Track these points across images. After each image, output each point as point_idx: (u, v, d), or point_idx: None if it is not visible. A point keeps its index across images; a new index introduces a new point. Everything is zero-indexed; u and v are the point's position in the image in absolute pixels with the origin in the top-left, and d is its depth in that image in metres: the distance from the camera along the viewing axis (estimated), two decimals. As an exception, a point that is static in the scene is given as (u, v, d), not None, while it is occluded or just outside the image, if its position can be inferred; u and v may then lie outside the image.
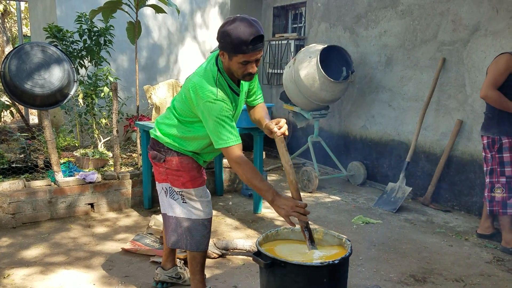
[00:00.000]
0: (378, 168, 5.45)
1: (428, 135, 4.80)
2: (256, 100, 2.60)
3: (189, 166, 2.50)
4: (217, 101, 2.22)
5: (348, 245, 2.14)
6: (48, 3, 6.57)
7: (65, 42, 5.02)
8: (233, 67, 2.23)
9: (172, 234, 2.57)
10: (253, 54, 2.15)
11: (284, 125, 2.29)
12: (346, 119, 5.90)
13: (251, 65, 2.20)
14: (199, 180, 2.54)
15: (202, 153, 2.55)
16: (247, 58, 2.15)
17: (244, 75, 2.25)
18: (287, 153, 2.24)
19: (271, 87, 7.42)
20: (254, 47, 2.12)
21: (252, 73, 2.23)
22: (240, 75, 2.26)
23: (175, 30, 6.94)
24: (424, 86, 4.80)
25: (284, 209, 2.15)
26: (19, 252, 3.42)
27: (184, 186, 2.50)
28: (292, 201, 2.16)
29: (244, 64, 2.18)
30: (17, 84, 3.85)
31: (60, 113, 6.16)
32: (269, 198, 2.20)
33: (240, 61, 2.17)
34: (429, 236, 3.89)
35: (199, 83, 2.26)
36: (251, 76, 2.26)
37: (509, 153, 3.51)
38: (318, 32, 6.30)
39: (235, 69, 2.23)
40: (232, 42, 2.11)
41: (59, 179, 4.18)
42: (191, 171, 2.50)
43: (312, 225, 4.00)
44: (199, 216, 2.53)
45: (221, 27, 2.17)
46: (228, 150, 2.26)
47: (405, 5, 4.94)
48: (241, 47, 2.11)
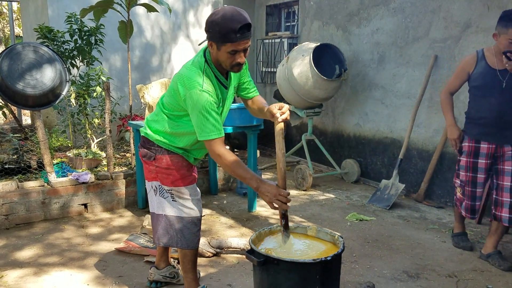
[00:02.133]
0: (372, 166, 5.47)
1: (420, 132, 4.83)
2: (250, 92, 2.60)
3: (179, 164, 2.50)
4: (203, 92, 2.21)
5: (340, 242, 2.15)
6: (40, 3, 6.53)
7: (56, 42, 4.99)
8: (221, 57, 2.23)
9: (162, 233, 2.57)
10: (241, 43, 2.16)
11: (286, 111, 2.29)
12: (340, 117, 5.92)
13: (239, 54, 2.20)
14: (189, 178, 2.55)
15: (192, 150, 2.55)
16: (235, 47, 2.16)
17: (233, 66, 2.25)
18: (283, 141, 2.25)
19: (264, 86, 7.42)
20: (242, 35, 2.13)
21: (241, 63, 2.23)
22: (228, 65, 2.25)
23: (167, 29, 6.93)
24: (416, 83, 4.82)
25: (268, 196, 2.18)
26: (12, 253, 3.40)
27: (174, 184, 2.50)
28: (276, 189, 2.18)
29: (232, 53, 2.19)
30: (8, 84, 3.82)
31: (53, 114, 6.13)
32: (253, 185, 2.23)
33: (228, 50, 2.17)
34: (422, 232, 3.91)
35: (186, 74, 2.27)
36: (239, 67, 2.26)
37: (466, 157, 3.37)
38: (311, 31, 6.31)
39: (224, 60, 2.23)
40: (220, 31, 2.12)
41: (52, 179, 4.16)
42: (181, 169, 2.50)
43: (306, 222, 4.03)
44: (189, 214, 2.54)
45: (209, 17, 2.18)
46: (211, 142, 2.26)
47: (397, 3, 4.96)
48: (229, 35, 2.11)
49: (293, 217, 4.23)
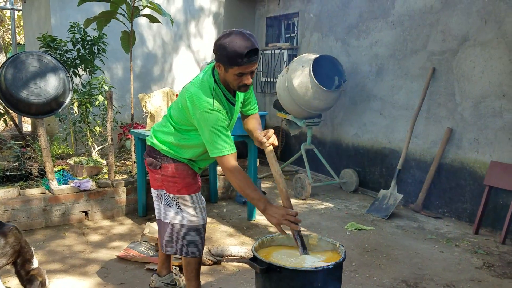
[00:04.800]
0: (370, 175, 5.52)
1: (418, 143, 4.89)
2: (250, 110, 2.66)
3: (185, 173, 2.54)
4: (213, 111, 2.27)
5: (341, 251, 2.19)
6: (43, 13, 6.60)
7: (59, 51, 5.05)
8: (228, 78, 2.29)
9: (167, 240, 2.60)
10: (248, 67, 2.22)
11: (272, 136, 2.40)
12: (339, 127, 5.98)
13: (246, 76, 2.27)
14: (194, 186, 2.58)
15: (198, 160, 2.59)
16: (242, 70, 2.22)
17: (240, 87, 2.32)
18: (277, 163, 2.32)
19: (264, 96, 7.49)
20: (249, 59, 2.19)
21: (247, 85, 2.30)
22: (235, 86, 2.32)
23: (169, 39, 7.00)
24: (414, 95, 4.90)
25: (276, 218, 2.21)
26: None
27: (179, 192, 2.54)
28: (283, 209, 2.22)
29: (239, 76, 2.25)
30: (12, 92, 3.87)
31: (55, 121, 6.17)
32: (261, 207, 2.27)
33: (235, 73, 2.24)
34: (420, 242, 3.95)
35: (196, 93, 2.32)
36: (246, 88, 2.33)
37: None
38: (311, 42, 6.39)
39: (231, 81, 2.30)
40: (228, 55, 2.18)
41: (54, 187, 4.19)
42: (186, 178, 2.54)
43: (306, 231, 4.06)
44: (193, 222, 2.57)
45: (218, 40, 2.24)
46: (223, 159, 2.31)
47: (396, 16, 5.05)
48: (236, 60, 2.17)
49: (293, 226, 4.26)
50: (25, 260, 2.69)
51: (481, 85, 4.25)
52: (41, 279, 2.70)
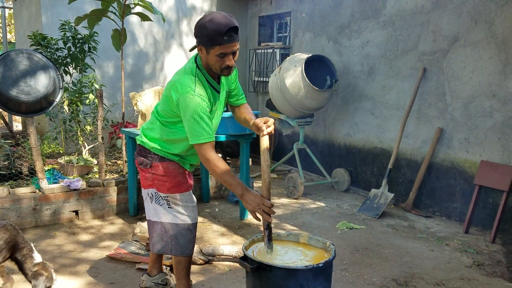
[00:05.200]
0: (362, 175, 5.55)
1: (409, 142, 4.92)
2: (239, 100, 2.66)
3: (175, 172, 2.53)
4: (194, 96, 2.26)
5: (332, 249, 2.20)
6: (34, 10, 6.54)
7: (49, 50, 5.01)
8: (211, 61, 2.28)
9: (157, 240, 2.59)
10: (229, 46, 2.21)
11: (272, 125, 2.38)
12: (331, 127, 5.99)
13: (228, 57, 2.25)
14: (184, 185, 2.57)
15: (187, 156, 2.58)
16: (223, 49, 2.21)
17: (222, 69, 2.30)
18: (268, 152, 2.30)
19: (257, 95, 7.49)
20: (230, 38, 2.18)
21: (230, 66, 2.28)
22: (218, 68, 2.30)
23: (161, 37, 6.98)
24: (405, 95, 4.92)
25: (251, 205, 2.21)
26: None
27: (170, 191, 2.53)
28: (260, 198, 2.20)
29: (221, 56, 2.24)
30: (2, 91, 3.83)
31: (45, 120, 6.12)
32: (239, 192, 2.26)
33: (217, 53, 2.22)
34: (410, 241, 3.98)
35: (178, 80, 2.33)
36: (229, 70, 2.31)
37: None
38: (303, 42, 6.40)
39: (213, 63, 2.28)
40: (209, 35, 2.18)
41: (44, 186, 4.16)
42: (176, 177, 2.53)
43: (298, 230, 4.07)
44: (184, 221, 2.55)
45: (198, 22, 2.25)
46: (201, 146, 2.30)
47: (387, 16, 5.07)
48: (217, 39, 2.17)
49: (285, 225, 4.27)
50: (24, 256, 2.66)
51: (471, 85, 4.29)
52: (46, 274, 2.66)
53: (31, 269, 2.65)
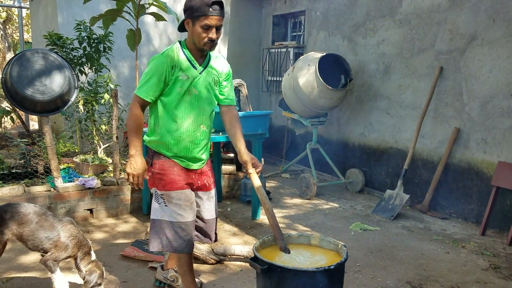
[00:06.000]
0: (376, 175, 5.48)
1: (425, 142, 4.84)
2: (227, 99, 2.69)
3: (170, 169, 2.55)
4: (160, 56, 2.42)
5: (344, 251, 2.16)
6: (50, 11, 6.63)
7: (65, 49, 5.06)
8: (195, 34, 2.39)
9: (153, 237, 2.60)
10: (214, 18, 2.33)
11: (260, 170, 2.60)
12: (345, 126, 5.94)
13: (211, 30, 2.36)
14: (179, 183, 2.56)
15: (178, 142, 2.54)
16: (208, 20, 2.33)
17: (205, 42, 2.39)
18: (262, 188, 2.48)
19: (270, 95, 7.46)
20: (214, 10, 2.33)
21: (212, 39, 2.38)
22: (201, 41, 2.39)
23: (175, 37, 7.00)
24: (421, 94, 4.85)
25: (131, 169, 2.46)
26: (18, 257, 3.43)
27: (165, 188, 2.56)
28: (142, 170, 2.47)
29: (205, 28, 2.35)
30: (18, 90, 3.88)
31: (60, 119, 6.19)
32: (131, 153, 2.47)
33: (202, 24, 2.34)
34: (426, 243, 3.91)
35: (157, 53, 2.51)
36: (211, 44, 2.40)
37: None
38: (317, 41, 6.35)
39: (197, 36, 2.39)
40: (195, 6, 2.33)
41: (59, 184, 4.20)
42: (171, 174, 2.55)
43: (310, 231, 4.04)
44: (177, 219, 2.55)
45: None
46: (134, 96, 2.48)
47: (403, 15, 5.00)
48: (203, 9, 2.32)
49: (297, 226, 4.24)
50: (85, 253, 2.72)
51: (489, 85, 4.20)
52: (99, 271, 2.72)
53: (86, 266, 2.71)
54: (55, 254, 2.65)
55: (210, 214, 2.75)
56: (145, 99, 2.44)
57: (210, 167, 2.78)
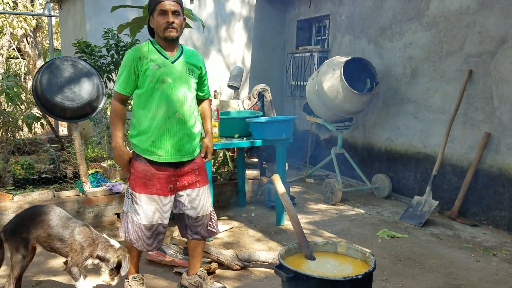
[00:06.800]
0: (404, 181, 5.38)
1: (455, 147, 4.72)
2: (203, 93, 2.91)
3: (142, 173, 2.67)
4: (128, 51, 2.61)
5: (371, 260, 2.12)
6: (78, 19, 6.79)
7: (93, 57, 5.17)
8: (157, 23, 2.56)
9: (121, 225, 2.84)
10: (167, 3, 2.51)
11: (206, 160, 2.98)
12: (371, 131, 5.85)
13: (168, 15, 2.52)
14: (148, 187, 2.67)
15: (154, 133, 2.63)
16: (162, 6, 2.52)
17: (165, 27, 2.54)
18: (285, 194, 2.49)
19: (294, 99, 7.44)
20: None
21: (170, 22, 2.52)
22: (162, 28, 2.55)
23: (200, 44, 7.06)
24: (450, 98, 4.74)
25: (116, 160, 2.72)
26: (47, 261, 3.51)
27: (133, 188, 2.71)
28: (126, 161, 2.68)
29: (162, 14, 2.52)
30: (48, 97, 3.99)
31: (89, 125, 6.33)
32: (113, 145, 2.67)
33: (158, 12, 2.53)
34: (456, 251, 3.81)
35: None
36: (172, 29, 2.54)
37: None
38: (342, 44, 6.30)
39: (158, 25, 2.55)
40: (151, 1, 2.57)
41: (87, 189, 4.28)
42: (143, 178, 2.67)
43: (335, 238, 3.98)
44: (137, 220, 2.71)
45: None
46: (113, 93, 2.69)
47: (431, 17, 4.90)
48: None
49: (322, 232, 4.19)
50: (105, 247, 2.80)
51: (522, 88, 4.06)
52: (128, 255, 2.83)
53: (115, 254, 2.79)
54: (75, 258, 2.71)
55: (195, 211, 2.84)
56: (121, 93, 2.62)
57: (201, 164, 2.88)
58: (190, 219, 2.86)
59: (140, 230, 2.72)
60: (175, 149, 2.68)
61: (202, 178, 2.85)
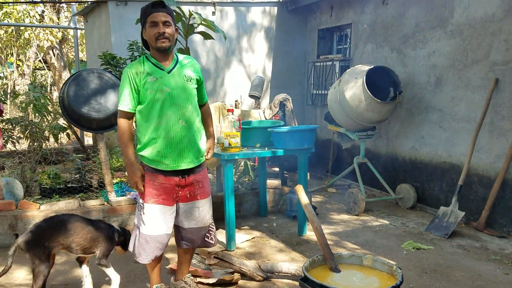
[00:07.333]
0: (429, 191, 5.28)
1: (481, 157, 4.62)
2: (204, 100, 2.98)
3: (149, 182, 2.74)
4: (125, 69, 2.67)
5: (398, 273, 2.09)
6: (104, 31, 6.95)
7: (118, 69, 5.27)
8: (149, 35, 2.64)
9: (131, 238, 2.90)
10: (157, 15, 2.59)
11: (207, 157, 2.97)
12: (394, 140, 5.78)
13: (158, 26, 2.59)
14: (154, 198, 2.74)
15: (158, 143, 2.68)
16: (153, 18, 2.60)
17: (157, 38, 2.60)
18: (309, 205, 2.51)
19: (315, 108, 7.42)
20: (156, 9, 2.60)
21: (161, 32, 2.59)
22: (154, 38, 2.61)
23: (222, 55, 7.13)
24: (476, 106, 4.65)
25: (129, 177, 2.73)
26: (72, 270, 3.56)
27: (143, 198, 2.78)
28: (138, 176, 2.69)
29: (153, 25, 2.60)
30: (74, 108, 4.08)
31: (114, 136, 6.43)
32: (125, 161, 2.72)
33: (149, 24, 2.61)
34: (483, 263, 3.71)
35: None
36: (163, 38, 2.60)
37: None
38: (364, 53, 6.27)
39: (150, 36, 2.62)
40: (141, 13, 2.67)
41: (112, 198, 4.35)
42: (150, 187, 2.74)
43: (359, 250, 3.93)
44: (143, 230, 2.77)
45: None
46: (118, 111, 2.71)
47: (455, 25, 4.84)
48: (147, 11, 2.63)
49: (345, 243, 4.14)
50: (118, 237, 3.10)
51: (551, 96, 3.96)
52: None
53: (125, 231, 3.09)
54: (103, 250, 2.97)
55: (194, 222, 2.90)
56: (124, 110, 2.66)
57: (205, 176, 2.92)
58: (188, 230, 2.93)
59: (145, 242, 2.78)
60: (181, 156, 2.74)
61: (204, 191, 2.91)
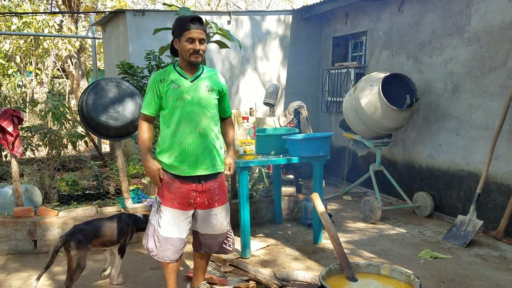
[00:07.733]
0: (446, 199, 5.21)
1: (500, 165, 4.55)
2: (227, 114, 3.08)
3: (166, 185, 2.84)
4: (151, 76, 2.79)
5: (416, 283, 2.07)
6: (121, 41, 7.06)
7: (136, 78, 5.35)
8: (182, 48, 2.72)
9: (146, 232, 2.99)
10: (195, 32, 2.68)
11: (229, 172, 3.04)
12: (411, 148, 5.73)
13: (195, 43, 2.69)
14: (170, 201, 2.83)
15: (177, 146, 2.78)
16: (190, 34, 2.68)
17: (191, 53, 2.71)
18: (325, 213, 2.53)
19: (330, 115, 7.40)
20: (195, 25, 2.68)
21: (196, 50, 2.70)
22: (188, 53, 2.71)
23: (237, 63, 7.18)
24: (494, 114, 4.59)
25: (147, 171, 2.83)
26: (91, 276, 3.61)
27: (161, 199, 2.88)
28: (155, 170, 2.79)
29: (189, 41, 2.69)
30: (93, 117, 4.15)
31: (131, 143, 6.52)
32: (142, 157, 2.83)
33: (186, 38, 2.69)
34: (502, 273, 3.64)
35: None
36: (197, 55, 2.72)
37: None
38: (379, 60, 6.25)
39: (184, 50, 2.71)
40: (178, 24, 2.73)
41: (129, 205, 4.39)
42: (166, 189, 2.85)
43: (376, 258, 3.90)
44: (158, 229, 2.86)
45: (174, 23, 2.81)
46: (140, 113, 2.88)
47: (472, 33, 4.80)
48: (185, 25, 2.68)
49: (362, 252, 4.11)
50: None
51: None
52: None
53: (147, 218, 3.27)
54: (127, 241, 3.40)
55: (211, 229, 2.95)
56: (146, 114, 2.82)
57: (222, 183, 2.98)
58: (206, 236, 2.98)
59: (158, 241, 2.87)
60: (198, 163, 2.81)
61: (221, 197, 2.96)
